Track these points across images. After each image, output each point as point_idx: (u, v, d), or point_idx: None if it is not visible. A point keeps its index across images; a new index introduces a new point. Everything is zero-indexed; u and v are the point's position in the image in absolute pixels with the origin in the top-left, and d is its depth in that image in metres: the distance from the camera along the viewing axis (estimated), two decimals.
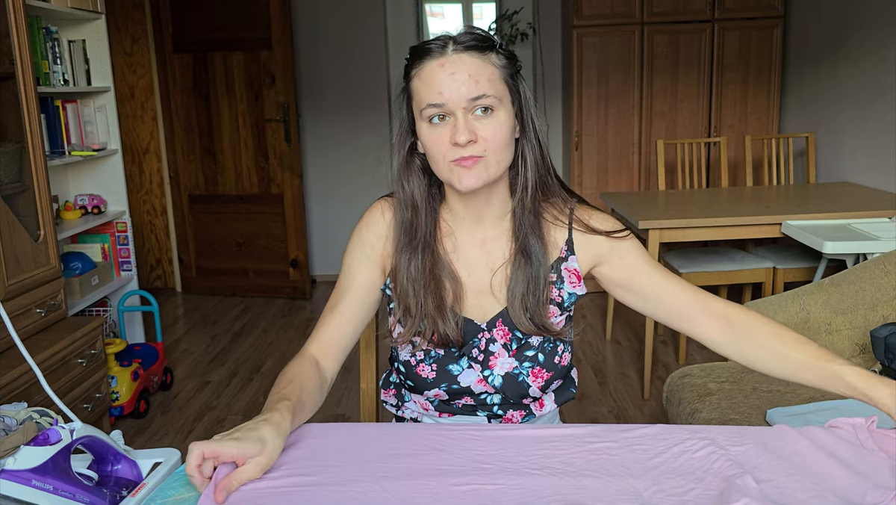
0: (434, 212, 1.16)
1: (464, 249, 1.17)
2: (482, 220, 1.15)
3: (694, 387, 1.90)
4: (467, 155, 1.03)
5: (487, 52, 1.05)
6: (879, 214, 2.69)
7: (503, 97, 1.06)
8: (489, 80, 1.03)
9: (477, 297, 1.16)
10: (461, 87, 1.02)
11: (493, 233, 1.16)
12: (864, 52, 3.29)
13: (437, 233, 1.16)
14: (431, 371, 1.18)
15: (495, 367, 1.16)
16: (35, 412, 0.99)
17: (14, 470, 0.85)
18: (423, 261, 1.13)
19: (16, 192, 2.39)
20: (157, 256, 4.71)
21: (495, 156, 1.05)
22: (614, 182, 4.20)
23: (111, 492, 0.94)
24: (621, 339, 3.60)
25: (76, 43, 3.09)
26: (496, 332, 1.16)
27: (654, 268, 1.16)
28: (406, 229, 1.14)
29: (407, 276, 1.13)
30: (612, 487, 0.88)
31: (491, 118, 1.04)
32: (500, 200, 1.14)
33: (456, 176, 1.04)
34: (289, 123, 4.23)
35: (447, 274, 1.14)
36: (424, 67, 1.05)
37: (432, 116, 1.04)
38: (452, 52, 1.04)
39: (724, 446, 0.98)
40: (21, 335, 2.30)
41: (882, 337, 1.88)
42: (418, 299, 1.13)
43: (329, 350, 1.15)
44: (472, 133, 1.02)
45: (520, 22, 4.50)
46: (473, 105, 1.03)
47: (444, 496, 0.87)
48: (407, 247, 1.14)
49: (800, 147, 3.84)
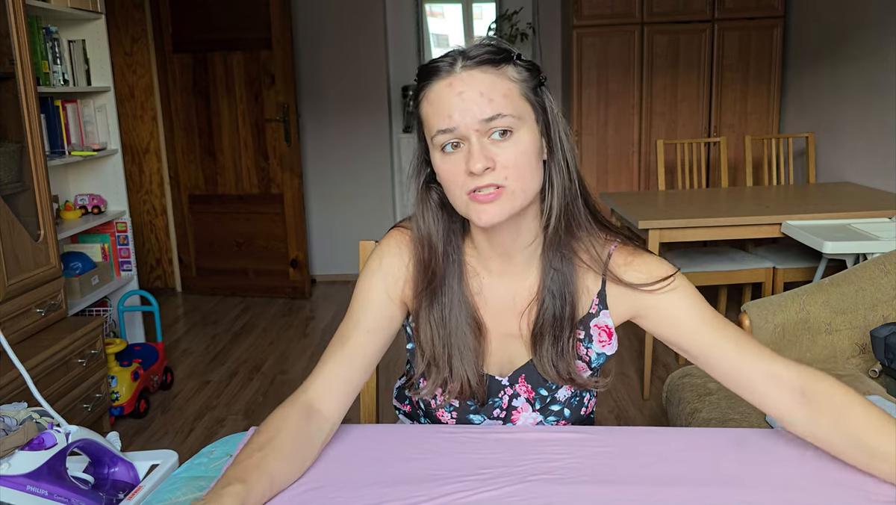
0: (457, 250, 1.03)
1: (491, 290, 1.05)
2: (511, 255, 1.02)
3: (694, 387, 1.90)
4: (485, 184, 0.90)
5: (503, 65, 0.92)
6: (879, 214, 2.69)
7: (524, 115, 0.92)
8: (505, 98, 0.90)
9: (502, 341, 1.06)
10: (472, 107, 0.89)
11: (524, 269, 1.03)
12: (864, 52, 3.29)
13: (462, 273, 1.03)
14: (451, 418, 1.10)
15: (518, 421, 1.08)
16: (35, 412, 0.99)
17: (9, 475, 0.85)
18: (445, 307, 1.01)
19: (16, 192, 2.39)
20: (157, 255, 4.71)
21: (519, 183, 0.91)
22: (614, 182, 4.20)
23: (107, 495, 0.94)
24: (621, 339, 3.60)
25: (76, 43, 3.09)
26: (518, 387, 1.06)
27: (702, 324, 0.98)
28: (424, 270, 1.02)
29: (429, 324, 1.02)
30: (611, 493, 0.88)
31: (510, 141, 0.91)
32: (531, 232, 1.00)
33: (474, 211, 0.92)
34: (289, 123, 4.23)
35: (471, 322, 1.02)
36: (433, 89, 0.93)
37: (444, 144, 0.92)
38: (462, 69, 0.91)
39: (725, 450, 0.98)
40: (21, 335, 2.30)
41: (882, 337, 1.88)
42: (445, 351, 1.01)
43: (333, 391, 0.99)
44: (488, 160, 0.89)
45: (520, 22, 4.50)
46: (488, 127, 0.90)
47: (441, 501, 0.87)
48: (427, 290, 1.02)
49: (800, 147, 3.84)
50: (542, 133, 0.96)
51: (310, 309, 4.28)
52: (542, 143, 0.96)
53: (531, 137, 0.93)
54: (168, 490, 0.92)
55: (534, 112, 0.94)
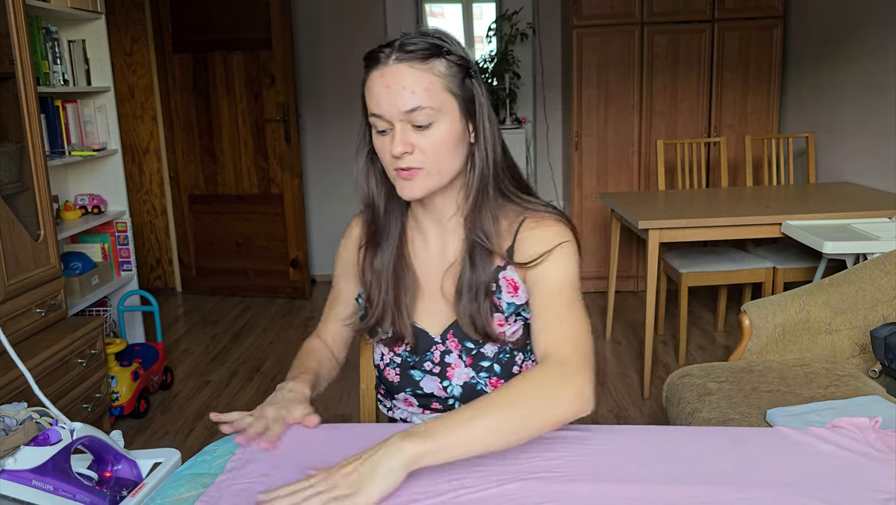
0: (400, 212, 1.19)
1: (423, 253, 1.20)
2: (441, 222, 1.17)
3: (694, 387, 1.90)
4: (405, 166, 1.04)
5: (431, 60, 1.03)
6: (879, 214, 2.69)
7: (444, 107, 1.04)
8: (427, 91, 1.02)
9: (434, 301, 1.18)
10: (397, 99, 1.02)
11: (450, 236, 1.17)
12: (864, 52, 3.29)
13: (404, 233, 1.20)
14: (396, 375, 1.21)
15: (453, 377, 1.18)
16: (35, 412, 0.99)
17: (14, 470, 0.85)
18: (385, 258, 1.17)
19: (16, 192, 2.39)
20: (157, 255, 4.71)
21: (435, 166, 1.05)
22: (614, 182, 4.20)
23: (111, 492, 0.94)
24: (621, 339, 3.60)
25: (76, 43, 3.09)
26: (449, 343, 1.17)
27: (547, 291, 1.07)
28: (367, 227, 1.19)
29: (371, 269, 1.18)
30: (610, 492, 0.88)
31: (429, 130, 1.04)
32: (455, 204, 1.15)
33: (398, 186, 1.08)
34: (289, 123, 4.23)
35: (408, 273, 1.18)
36: (370, 76, 1.06)
37: (377, 128, 1.06)
38: (393, 62, 1.03)
39: (725, 449, 0.98)
40: (21, 335, 2.30)
41: (882, 337, 1.88)
42: (380, 291, 1.17)
43: (335, 340, 1.32)
44: (407, 145, 1.03)
45: (520, 22, 4.50)
46: (409, 117, 1.03)
47: (441, 500, 0.87)
48: (370, 243, 1.19)
49: (800, 147, 3.84)
50: (467, 120, 1.08)
51: (310, 309, 4.28)
52: (469, 129, 1.08)
53: (451, 127, 1.05)
54: (171, 487, 0.92)
55: (457, 103, 1.06)
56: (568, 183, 4.38)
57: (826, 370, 1.90)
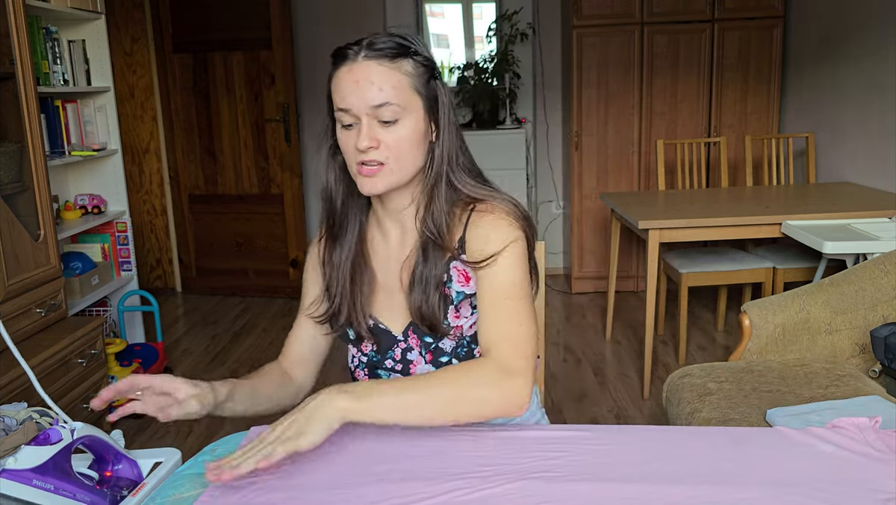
0: (359, 209, 1.20)
1: (382, 249, 1.21)
2: (401, 220, 1.18)
3: (694, 387, 1.90)
4: (369, 159, 1.06)
5: (399, 59, 1.06)
6: (879, 214, 2.69)
7: (410, 105, 1.06)
8: (394, 89, 1.05)
9: (392, 295, 1.19)
10: (365, 94, 1.04)
11: (410, 232, 1.18)
12: (864, 52, 3.29)
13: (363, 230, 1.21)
14: (364, 375, 1.23)
15: (415, 374, 1.18)
16: (35, 412, 0.99)
17: (15, 469, 0.85)
18: (343, 252, 1.18)
19: (16, 192, 2.39)
20: (157, 256, 4.71)
21: (398, 163, 1.07)
22: (614, 182, 4.20)
23: (112, 491, 0.94)
24: (621, 339, 3.60)
25: (76, 43, 3.09)
26: (410, 340, 1.18)
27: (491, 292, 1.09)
28: (326, 220, 1.21)
29: (331, 263, 1.19)
30: (610, 491, 0.88)
31: (395, 126, 1.06)
32: (414, 200, 1.16)
33: (359, 181, 1.09)
34: (289, 123, 4.23)
35: (365, 269, 1.19)
36: (338, 71, 1.07)
37: (343, 122, 1.07)
38: (363, 59, 1.05)
39: (724, 449, 0.98)
40: (21, 335, 2.30)
41: (882, 337, 1.88)
42: (337, 285, 1.18)
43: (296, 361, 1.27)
44: (373, 140, 1.05)
45: (520, 22, 4.50)
46: (376, 113, 1.04)
47: (441, 501, 0.87)
48: (329, 235, 1.21)
49: (800, 147, 3.84)
50: (430, 119, 1.10)
51: None
52: (431, 128, 1.11)
53: (415, 125, 1.07)
54: (172, 487, 0.92)
55: (422, 102, 1.08)
56: (568, 183, 4.38)
57: (826, 370, 1.90)
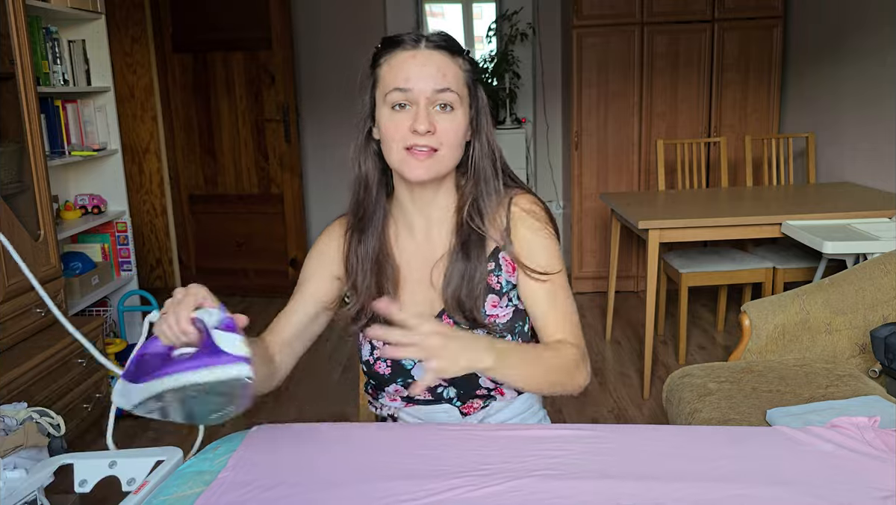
0: (383, 201, 1.20)
1: (407, 244, 1.21)
2: (427, 215, 1.19)
3: (694, 387, 1.90)
4: (423, 143, 1.07)
5: (455, 55, 1.12)
6: (879, 214, 2.69)
7: (463, 98, 1.12)
8: (455, 78, 1.10)
9: (421, 291, 1.20)
10: (429, 78, 1.07)
11: (437, 229, 1.20)
12: (864, 52, 3.29)
13: (384, 221, 1.20)
14: (387, 367, 1.21)
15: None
16: (35, 412, 0.99)
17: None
18: (369, 244, 1.18)
19: (16, 192, 2.39)
20: (157, 255, 4.71)
21: (449, 151, 1.10)
22: (614, 182, 4.20)
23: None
24: (621, 339, 3.60)
25: (76, 43, 3.09)
26: None
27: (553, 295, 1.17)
28: (355, 210, 1.19)
29: (356, 255, 1.18)
30: (611, 489, 0.88)
31: (450, 115, 1.09)
32: (446, 196, 1.19)
33: (407, 165, 1.09)
34: (288, 123, 4.23)
35: (389, 261, 1.19)
36: (396, 56, 1.10)
37: (396, 103, 1.09)
38: (425, 47, 1.10)
39: (724, 447, 0.98)
40: (21, 335, 2.30)
41: (882, 337, 1.88)
42: (364, 278, 1.17)
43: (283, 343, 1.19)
44: (431, 124, 1.07)
45: (520, 22, 4.50)
46: (437, 98, 1.08)
47: (442, 498, 0.87)
48: (357, 226, 1.19)
49: (800, 147, 3.84)
50: (471, 118, 1.14)
51: None
52: (469, 127, 1.14)
53: (463, 118, 1.12)
54: (174, 485, 0.92)
55: (469, 98, 1.14)
56: (568, 183, 4.38)
57: (826, 370, 1.90)
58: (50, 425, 1.07)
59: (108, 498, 1.27)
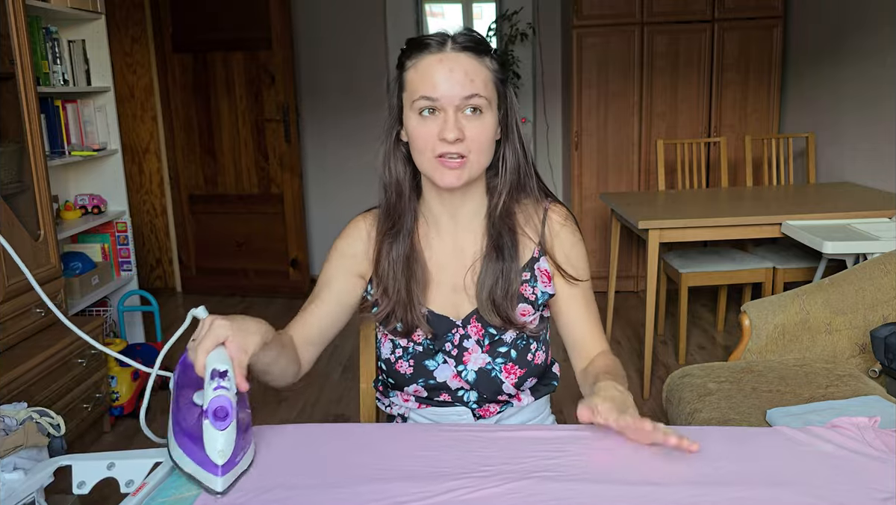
0: (413, 204, 1.19)
1: (437, 246, 1.20)
2: (457, 218, 1.18)
3: (694, 387, 1.90)
4: (453, 151, 1.06)
5: (483, 55, 1.09)
6: (879, 214, 2.69)
7: (492, 100, 1.09)
8: (483, 82, 1.07)
9: (450, 293, 1.19)
10: (456, 84, 1.05)
11: (467, 231, 1.19)
12: (864, 52, 3.29)
13: (414, 223, 1.19)
14: (409, 367, 1.21)
15: (469, 362, 1.20)
16: (35, 412, 0.99)
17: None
18: (400, 248, 1.16)
19: (16, 192, 2.39)
20: (157, 255, 4.71)
21: (477, 157, 1.08)
22: (614, 182, 4.20)
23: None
24: (621, 339, 3.60)
25: (76, 43, 3.09)
26: (470, 328, 1.19)
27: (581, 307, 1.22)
28: (389, 214, 1.18)
29: (389, 259, 1.17)
30: (611, 490, 0.88)
31: (479, 119, 1.07)
32: (476, 200, 1.18)
33: (438, 173, 1.08)
34: (288, 123, 4.23)
35: (420, 265, 1.18)
36: (423, 60, 1.07)
37: (423, 109, 1.07)
38: (451, 49, 1.07)
39: (724, 448, 0.98)
40: (21, 335, 2.30)
41: (882, 337, 1.88)
42: (396, 283, 1.16)
43: (307, 342, 1.19)
44: (460, 131, 1.05)
45: (520, 22, 4.50)
46: (465, 103, 1.06)
47: (440, 500, 0.87)
48: (390, 232, 1.17)
49: (800, 147, 3.84)
50: (500, 119, 1.12)
51: None
52: (499, 127, 1.12)
53: (493, 120, 1.10)
54: (173, 486, 0.92)
55: (498, 99, 1.11)
56: (568, 183, 4.38)
57: (826, 370, 1.90)
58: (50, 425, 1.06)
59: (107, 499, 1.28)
